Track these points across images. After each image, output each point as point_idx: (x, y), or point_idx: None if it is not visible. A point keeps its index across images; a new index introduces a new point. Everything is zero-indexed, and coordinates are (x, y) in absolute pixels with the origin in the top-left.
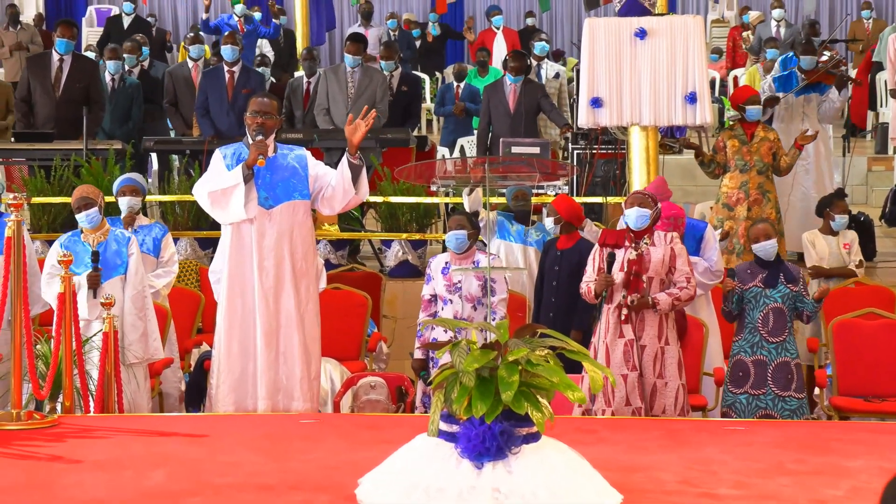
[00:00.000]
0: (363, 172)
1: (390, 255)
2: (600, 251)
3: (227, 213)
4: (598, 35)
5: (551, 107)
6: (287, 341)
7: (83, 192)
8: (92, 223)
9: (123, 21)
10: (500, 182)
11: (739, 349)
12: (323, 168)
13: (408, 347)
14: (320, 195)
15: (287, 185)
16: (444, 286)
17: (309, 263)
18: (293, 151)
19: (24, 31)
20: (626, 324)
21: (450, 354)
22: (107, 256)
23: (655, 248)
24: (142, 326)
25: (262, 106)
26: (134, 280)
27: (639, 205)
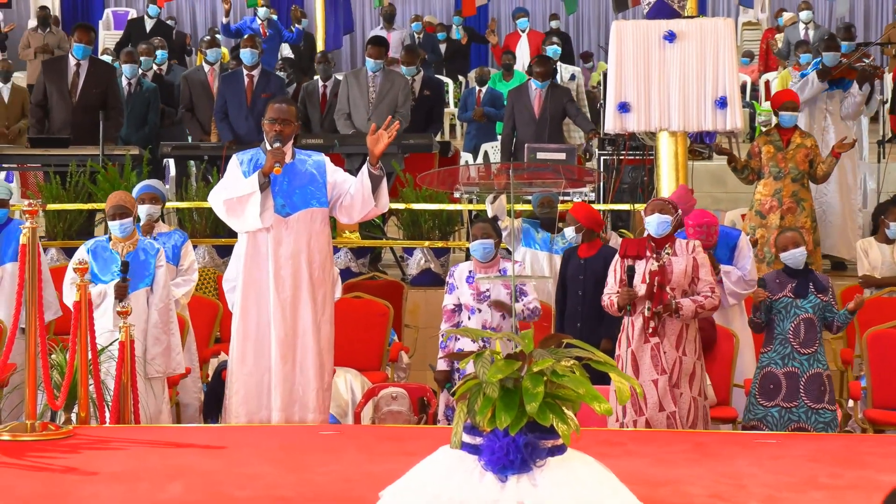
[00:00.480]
0: (383, 183)
1: (412, 263)
2: (621, 262)
3: (243, 222)
4: (626, 38)
5: (577, 111)
6: (303, 352)
7: (119, 201)
8: (125, 233)
9: (146, 24)
10: (526, 189)
11: (769, 361)
12: (342, 175)
13: (430, 357)
14: (338, 203)
15: (305, 193)
16: (470, 295)
17: (326, 273)
18: (312, 158)
19: (53, 35)
20: (653, 336)
21: (473, 365)
22: (134, 267)
23: (677, 257)
24: (166, 340)
25: (280, 112)
26: (161, 293)
27: (659, 211)
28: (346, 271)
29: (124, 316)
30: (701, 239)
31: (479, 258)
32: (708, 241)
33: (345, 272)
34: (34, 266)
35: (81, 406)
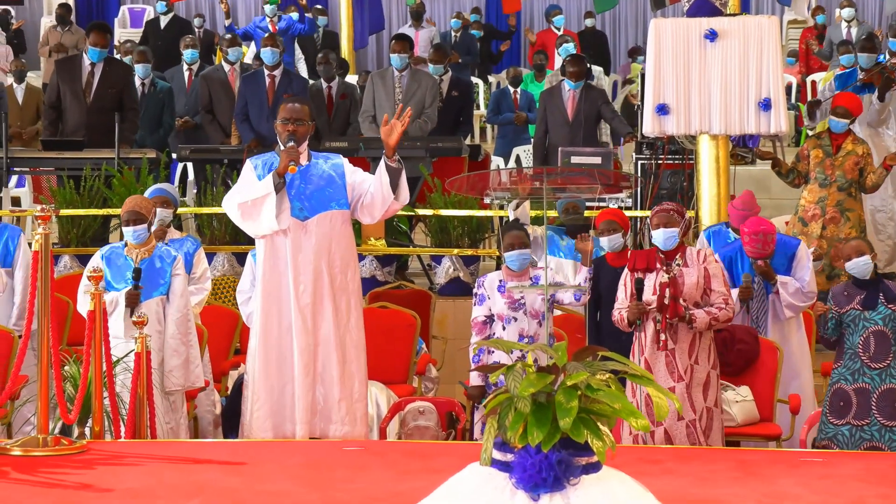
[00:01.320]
0: (402, 175)
1: (440, 271)
2: (630, 276)
3: (259, 225)
4: (665, 37)
5: (613, 114)
6: (325, 361)
7: (135, 206)
8: (139, 240)
9: (160, 22)
10: (559, 194)
11: (839, 377)
12: (361, 175)
13: (459, 370)
14: (359, 203)
15: (323, 195)
16: (504, 305)
17: (349, 277)
18: (329, 160)
19: (72, 34)
20: (663, 349)
21: (504, 378)
22: (148, 274)
23: (689, 268)
24: (184, 352)
25: (293, 112)
26: (178, 302)
27: (664, 225)
28: (372, 280)
29: (140, 326)
30: (757, 248)
31: (515, 269)
32: (764, 249)
33: (370, 281)
34: (47, 275)
35: (96, 420)
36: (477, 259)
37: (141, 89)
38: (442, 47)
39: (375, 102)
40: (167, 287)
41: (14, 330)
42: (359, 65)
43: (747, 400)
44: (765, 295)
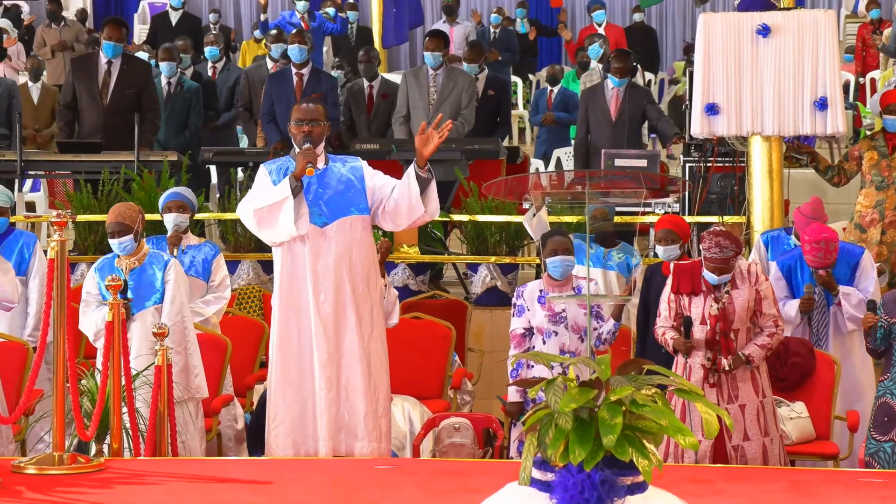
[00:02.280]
0: (432, 186)
1: (477, 280)
2: (676, 298)
3: (276, 232)
4: (715, 33)
5: (659, 114)
6: (349, 374)
7: (118, 217)
8: (125, 251)
9: (171, 17)
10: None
11: (885, 391)
12: (381, 178)
13: (496, 384)
14: (380, 209)
15: (342, 200)
16: (544, 317)
17: (371, 286)
18: (347, 163)
19: (69, 28)
20: (713, 387)
21: (545, 393)
22: (141, 283)
23: (738, 290)
24: (181, 361)
25: (307, 113)
26: (170, 310)
27: (720, 271)
28: (405, 289)
29: (161, 338)
30: (818, 257)
31: (557, 276)
32: (826, 258)
33: (403, 290)
34: (63, 284)
35: (114, 437)
36: (515, 267)
37: (167, 88)
38: (477, 45)
39: (409, 103)
40: (161, 294)
41: (28, 341)
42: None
43: (802, 417)
44: (826, 307)
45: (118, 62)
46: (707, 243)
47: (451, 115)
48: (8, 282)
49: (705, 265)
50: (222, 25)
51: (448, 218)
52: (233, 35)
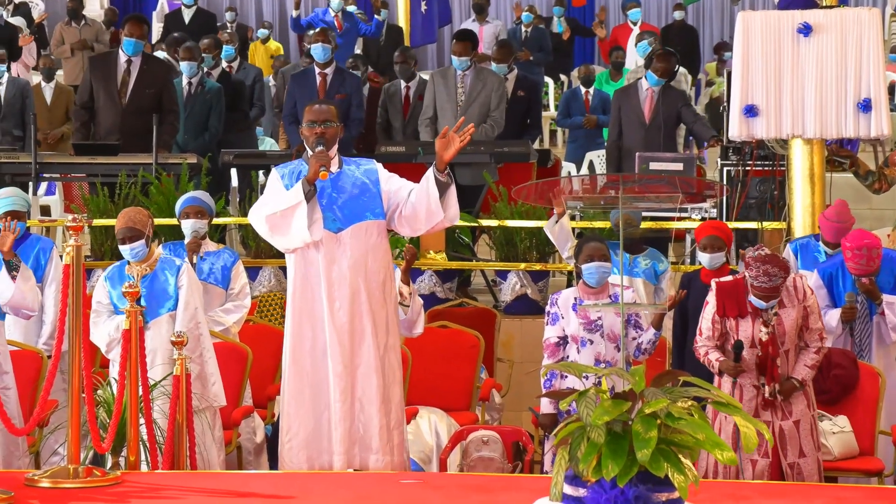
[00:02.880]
0: (452, 190)
1: (506, 288)
2: (720, 319)
3: (289, 238)
4: (754, 31)
5: (695, 117)
6: (364, 385)
7: (129, 222)
8: (137, 257)
9: (184, 15)
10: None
11: None
12: (397, 182)
13: (526, 396)
14: (397, 213)
15: (357, 204)
16: (579, 325)
17: (387, 293)
18: (362, 165)
19: (89, 27)
20: (765, 409)
21: (576, 405)
22: (154, 290)
23: (786, 309)
24: (196, 369)
25: (319, 114)
26: (184, 316)
27: (767, 297)
28: (431, 297)
29: (180, 347)
30: (861, 264)
31: (593, 283)
32: (869, 266)
33: (429, 298)
34: (78, 291)
35: (131, 449)
36: (546, 274)
37: (188, 89)
38: (507, 44)
39: (436, 104)
40: (175, 300)
41: (44, 350)
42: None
43: (845, 431)
44: (869, 316)
45: (138, 61)
46: (754, 271)
47: (480, 117)
48: (29, 290)
49: (753, 292)
50: (239, 24)
51: (476, 223)
52: (249, 33)
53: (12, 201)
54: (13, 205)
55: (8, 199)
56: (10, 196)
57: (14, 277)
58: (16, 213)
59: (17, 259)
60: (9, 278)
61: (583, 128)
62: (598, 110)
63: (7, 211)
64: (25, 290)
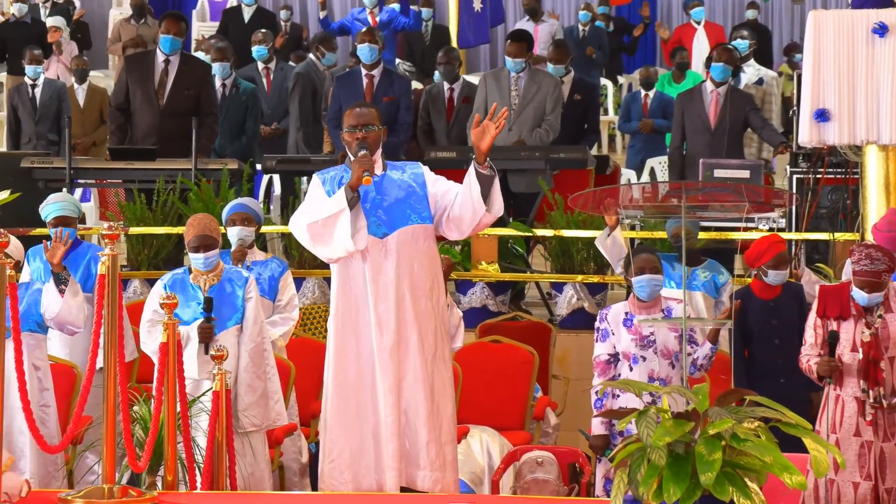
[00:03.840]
0: (495, 184)
1: (562, 301)
2: (822, 322)
3: (332, 248)
4: (826, 32)
5: (763, 122)
6: (410, 398)
7: (204, 229)
8: (209, 266)
9: (243, 13)
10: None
11: None
12: (445, 184)
13: (582, 415)
14: (444, 216)
15: (402, 208)
16: (631, 341)
17: (434, 301)
18: (407, 168)
19: (149, 27)
20: (870, 424)
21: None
22: (219, 302)
23: (893, 314)
24: (261, 387)
25: (360, 118)
26: (252, 331)
27: (871, 289)
28: (483, 310)
29: (220, 361)
30: None
31: (644, 297)
32: None
33: (481, 311)
34: (114, 302)
35: (168, 468)
36: (604, 287)
37: (221, 91)
38: (563, 44)
39: (487, 107)
40: (241, 314)
41: None
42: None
43: None
44: None
45: (176, 61)
46: (857, 255)
47: (534, 120)
48: (77, 305)
49: (854, 282)
50: (293, 23)
51: (531, 233)
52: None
53: (61, 206)
54: (62, 210)
55: (56, 205)
56: (60, 201)
57: (62, 292)
58: (65, 220)
59: (66, 273)
60: (57, 293)
61: (639, 132)
62: (657, 114)
63: (56, 217)
64: (73, 306)
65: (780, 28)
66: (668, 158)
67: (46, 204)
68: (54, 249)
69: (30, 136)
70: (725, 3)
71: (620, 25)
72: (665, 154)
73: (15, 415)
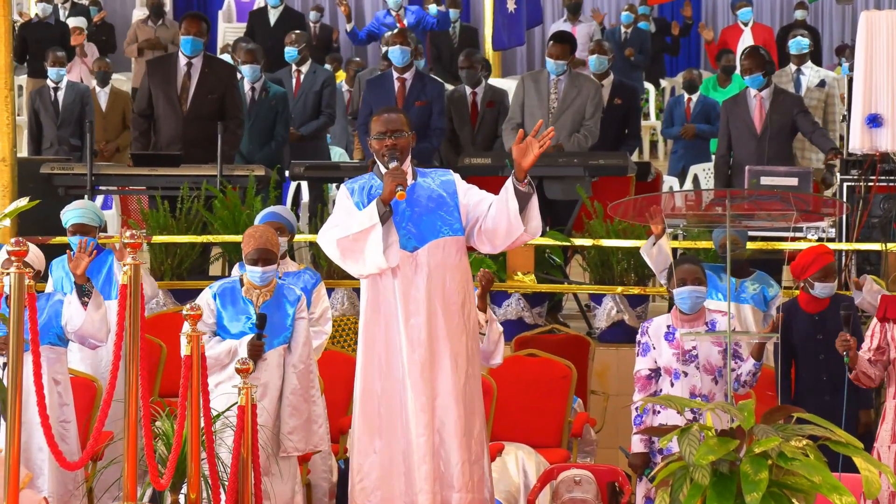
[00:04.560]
0: (533, 201)
1: (601, 313)
2: (881, 326)
3: (363, 264)
4: (879, 33)
5: (813, 126)
6: (444, 417)
7: (265, 242)
8: (265, 281)
9: (269, 15)
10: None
11: None
12: (477, 194)
13: (622, 432)
14: (476, 228)
15: (433, 219)
16: (672, 356)
17: (466, 316)
18: (437, 176)
19: (167, 28)
20: None
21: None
22: (273, 319)
23: None
24: (306, 411)
25: (389, 123)
26: (301, 352)
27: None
28: (519, 323)
29: (245, 374)
30: None
31: (686, 309)
32: None
33: (516, 324)
34: (137, 313)
35: (191, 486)
36: (645, 299)
37: (250, 94)
38: (603, 45)
39: (525, 110)
40: (290, 333)
41: None
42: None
43: None
44: None
45: (199, 64)
46: None
47: (573, 125)
48: (100, 319)
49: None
50: (323, 25)
51: (569, 242)
52: (335, 35)
53: (81, 213)
54: (81, 217)
55: (76, 212)
56: (80, 208)
57: (85, 304)
58: (84, 228)
59: (90, 284)
60: (80, 305)
61: (681, 138)
62: (700, 119)
63: (74, 224)
64: (96, 319)
65: (829, 29)
66: (713, 166)
67: (67, 210)
68: (77, 260)
69: (52, 141)
70: (773, 4)
71: (662, 26)
72: (708, 161)
73: (34, 431)
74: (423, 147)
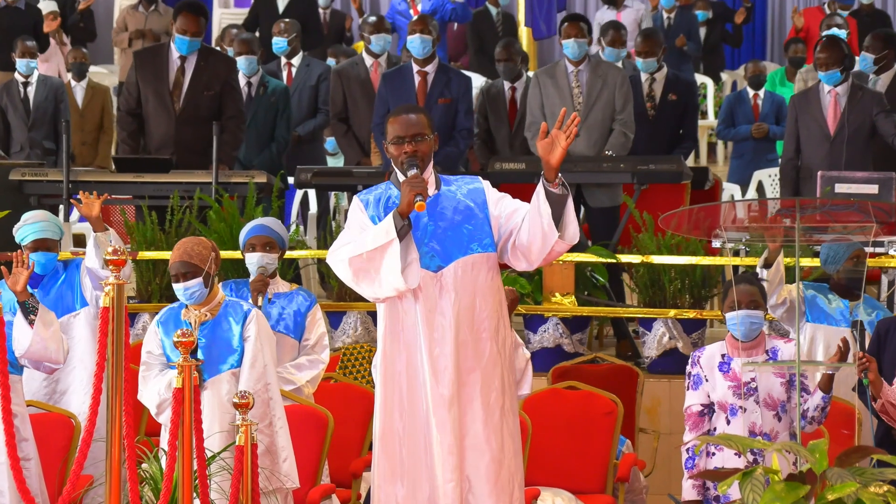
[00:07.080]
0: (569, 205)
1: (651, 340)
2: None
3: (379, 286)
4: None
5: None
6: (476, 460)
7: (183, 255)
8: (193, 299)
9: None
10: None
11: None
12: (510, 204)
13: (675, 475)
14: (510, 243)
15: (460, 234)
16: (728, 388)
17: (500, 344)
18: (464, 184)
19: (160, 16)
20: None
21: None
22: (215, 341)
23: None
24: (265, 441)
25: (408, 126)
26: (250, 375)
27: None
28: (557, 351)
29: (244, 410)
30: None
31: (740, 336)
32: None
33: (554, 352)
34: (120, 340)
35: None
36: (701, 324)
37: (247, 90)
38: (654, 33)
39: (545, 109)
40: (240, 356)
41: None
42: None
43: None
44: None
45: (193, 57)
46: None
47: (606, 122)
48: (51, 337)
49: None
50: (334, 10)
51: (614, 259)
52: (348, 23)
53: (40, 228)
54: (41, 232)
55: (35, 226)
56: (39, 221)
57: (32, 322)
58: (46, 244)
59: (33, 300)
60: (26, 324)
61: (751, 138)
62: (770, 118)
63: (35, 240)
64: (47, 338)
65: None
66: (779, 171)
67: (23, 224)
68: (16, 275)
69: (22, 144)
70: None
71: (721, 11)
72: (775, 165)
73: None
74: (448, 151)
